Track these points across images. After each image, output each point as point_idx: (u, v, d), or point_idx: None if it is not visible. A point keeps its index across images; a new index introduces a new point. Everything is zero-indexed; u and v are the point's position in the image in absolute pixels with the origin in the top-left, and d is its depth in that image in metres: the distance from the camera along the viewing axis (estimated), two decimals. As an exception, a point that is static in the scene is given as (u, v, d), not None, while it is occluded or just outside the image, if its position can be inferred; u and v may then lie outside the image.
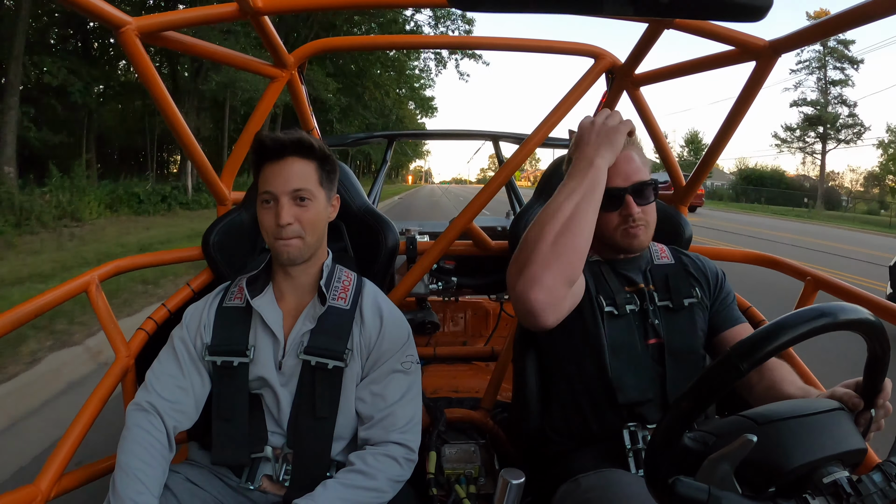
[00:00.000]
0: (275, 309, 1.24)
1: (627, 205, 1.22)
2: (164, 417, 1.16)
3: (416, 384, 1.28)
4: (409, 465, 1.20)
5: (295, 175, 1.18)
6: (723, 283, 1.36)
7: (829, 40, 31.19)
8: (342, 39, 2.03)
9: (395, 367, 1.24)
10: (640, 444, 1.19)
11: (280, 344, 1.22)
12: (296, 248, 1.19)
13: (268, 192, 1.18)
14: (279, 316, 1.24)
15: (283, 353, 1.22)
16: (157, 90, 1.36)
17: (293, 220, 1.17)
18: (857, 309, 0.74)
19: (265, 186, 1.19)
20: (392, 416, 1.20)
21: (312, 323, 1.22)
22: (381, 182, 3.50)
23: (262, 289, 1.27)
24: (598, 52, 1.80)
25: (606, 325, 1.23)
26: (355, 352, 1.22)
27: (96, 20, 1.19)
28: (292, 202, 1.18)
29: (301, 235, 1.18)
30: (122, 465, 1.08)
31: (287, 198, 1.17)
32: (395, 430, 1.19)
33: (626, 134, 1.18)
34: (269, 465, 1.21)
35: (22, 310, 1.24)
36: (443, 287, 2.18)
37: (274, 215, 1.17)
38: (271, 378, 1.21)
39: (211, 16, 1.40)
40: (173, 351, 1.23)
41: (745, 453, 0.69)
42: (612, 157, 1.15)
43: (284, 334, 1.23)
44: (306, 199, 1.19)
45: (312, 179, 1.20)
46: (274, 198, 1.17)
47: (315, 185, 1.21)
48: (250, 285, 1.25)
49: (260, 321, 1.23)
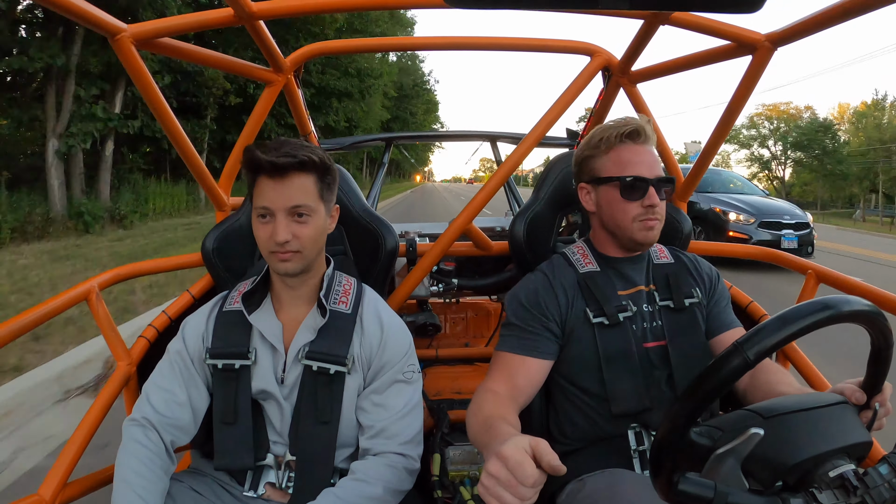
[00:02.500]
0: (274, 322, 1.22)
1: (651, 195, 1.20)
2: (161, 432, 1.14)
3: (418, 393, 1.26)
4: (411, 475, 1.19)
5: (293, 191, 1.12)
6: (717, 284, 1.35)
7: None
8: (338, 43, 2.02)
9: (397, 377, 1.22)
10: (644, 445, 1.18)
11: (281, 356, 1.20)
12: (292, 263, 1.15)
13: (264, 207, 1.13)
14: (279, 328, 1.21)
15: (285, 367, 1.20)
16: (153, 97, 1.36)
17: (290, 237, 1.12)
18: (861, 301, 0.74)
19: (261, 201, 1.13)
20: (394, 427, 1.18)
21: (312, 335, 1.20)
22: (380, 184, 3.50)
23: (260, 302, 1.24)
24: (593, 49, 1.80)
25: (599, 336, 1.22)
26: (356, 362, 1.20)
27: (91, 27, 1.18)
28: (290, 218, 1.13)
29: (299, 250, 1.14)
30: (120, 480, 1.06)
31: (284, 214, 1.12)
32: (397, 440, 1.18)
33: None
34: (272, 473, 1.20)
35: (23, 319, 1.24)
36: (443, 289, 2.17)
37: (270, 231, 1.13)
38: (273, 390, 1.19)
39: (206, 21, 1.39)
40: (170, 365, 1.21)
41: (752, 447, 0.69)
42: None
43: (285, 346, 1.21)
44: (305, 215, 1.14)
45: (312, 194, 1.15)
46: (270, 213, 1.13)
47: (314, 199, 1.16)
48: (247, 300, 1.22)
49: (259, 335, 1.21)
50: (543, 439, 0.72)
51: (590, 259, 1.30)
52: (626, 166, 1.21)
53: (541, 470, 0.71)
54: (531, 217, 1.56)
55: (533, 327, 1.23)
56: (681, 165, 2.08)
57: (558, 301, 1.24)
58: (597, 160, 1.26)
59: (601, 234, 1.32)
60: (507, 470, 0.70)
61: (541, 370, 1.21)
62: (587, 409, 1.24)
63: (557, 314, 1.24)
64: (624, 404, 1.18)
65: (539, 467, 0.71)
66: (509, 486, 0.70)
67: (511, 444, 0.73)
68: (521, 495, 0.70)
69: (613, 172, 1.23)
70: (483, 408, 1.05)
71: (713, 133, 1.59)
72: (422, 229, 2.61)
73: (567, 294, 1.25)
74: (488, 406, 1.05)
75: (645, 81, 1.78)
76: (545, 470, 0.70)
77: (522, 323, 1.23)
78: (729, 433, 0.73)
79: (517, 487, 0.69)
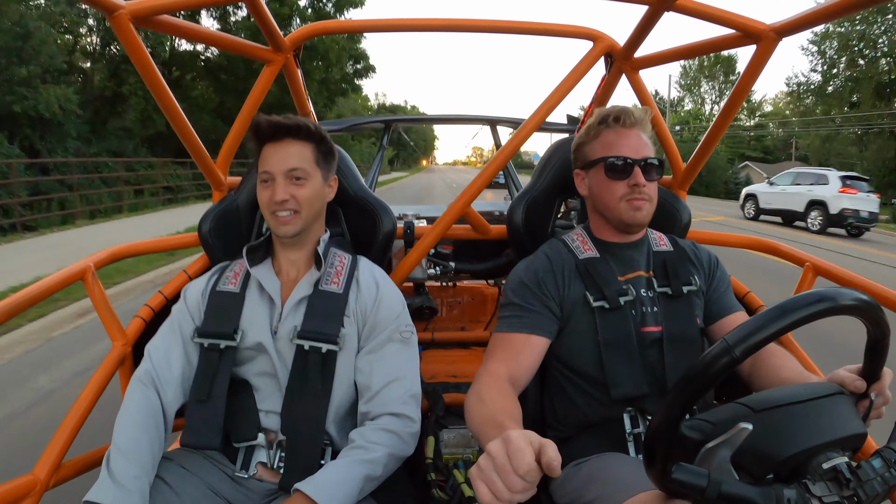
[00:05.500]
0: (273, 278, 1.29)
1: (636, 174, 1.23)
2: (160, 391, 1.18)
3: (415, 355, 1.29)
4: (410, 438, 1.21)
5: (291, 155, 1.25)
6: (716, 268, 1.36)
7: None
8: (337, 22, 2.01)
9: (394, 336, 1.26)
10: (640, 428, 1.19)
11: (277, 309, 1.26)
12: (291, 225, 1.24)
13: (266, 171, 1.24)
14: (277, 284, 1.29)
15: (280, 317, 1.24)
16: (151, 75, 1.34)
17: (288, 197, 1.22)
18: (856, 293, 0.73)
19: (264, 166, 1.25)
20: (391, 387, 1.21)
21: (309, 290, 1.26)
22: (378, 166, 3.48)
23: (262, 259, 1.32)
24: (596, 34, 1.78)
25: (599, 320, 1.23)
26: (352, 318, 1.25)
27: (88, 3, 1.16)
28: (288, 181, 1.24)
29: (296, 210, 1.24)
30: (113, 444, 1.09)
31: (283, 177, 1.23)
32: (394, 401, 1.20)
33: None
34: (263, 452, 1.22)
35: (19, 297, 1.23)
36: (440, 272, 2.17)
37: (270, 193, 1.23)
38: (267, 342, 1.22)
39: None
40: (171, 325, 1.27)
41: (741, 441, 0.69)
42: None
43: (282, 300, 1.26)
44: (302, 178, 1.24)
45: (308, 159, 1.26)
46: (271, 177, 1.24)
47: (311, 164, 1.26)
48: (250, 254, 1.30)
49: (257, 286, 1.28)
50: (553, 443, 0.71)
51: (589, 245, 1.31)
52: (611, 148, 1.25)
53: (538, 469, 0.70)
54: (530, 201, 1.55)
55: (534, 305, 1.24)
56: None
57: (557, 282, 1.26)
58: (587, 146, 1.30)
59: (596, 218, 1.34)
60: (505, 454, 0.70)
61: (542, 348, 1.22)
62: (585, 394, 1.24)
63: (556, 295, 1.25)
64: (622, 388, 1.19)
65: (538, 464, 0.70)
66: (503, 472, 0.69)
67: (519, 432, 0.72)
68: (511, 483, 0.68)
69: (599, 154, 1.27)
70: (487, 398, 1.04)
71: (716, 121, 1.58)
72: (420, 212, 2.60)
73: (566, 276, 1.27)
74: (492, 396, 1.04)
75: (647, 68, 1.77)
76: (542, 467, 0.69)
77: (523, 301, 1.25)
78: (719, 427, 0.73)
79: (510, 475, 0.68)
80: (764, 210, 17.12)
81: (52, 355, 4.04)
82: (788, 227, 15.81)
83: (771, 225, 16.20)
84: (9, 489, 1.11)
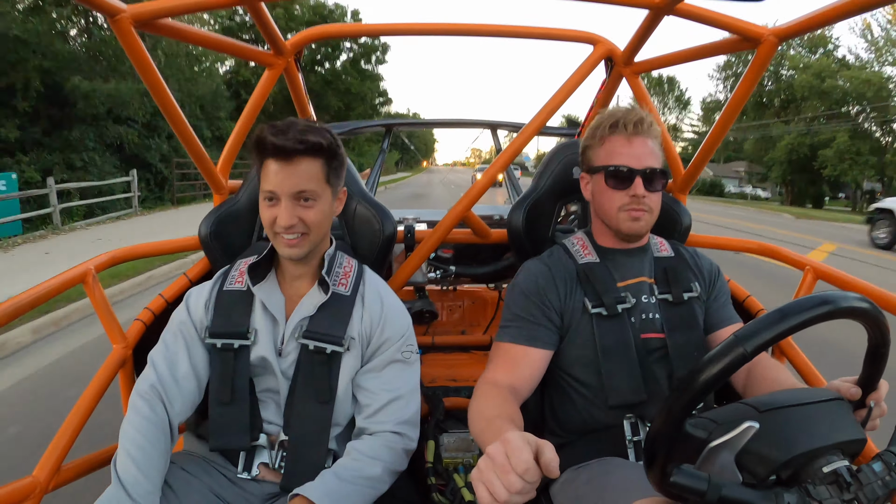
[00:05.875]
0: (277, 294, 1.24)
1: (636, 185, 1.21)
2: (166, 402, 1.15)
3: (416, 375, 1.27)
4: (406, 455, 1.20)
5: (300, 176, 1.12)
6: (717, 279, 1.35)
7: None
8: (339, 26, 2.01)
9: (396, 356, 1.23)
10: (640, 435, 1.19)
11: (280, 327, 1.21)
12: (298, 248, 1.15)
13: (270, 191, 1.12)
14: (281, 301, 1.23)
15: (283, 338, 1.21)
16: (152, 79, 1.34)
17: (296, 221, 1.13)
18: (859, 297, 0.74)
19: (268, 185, 1.13)
20: (391, 406, 1.19)
21: (313, 310, 1.21)
22: (379, 170, 3.48)
23: (264, 275, 1.26)
24: (596, 39, 1.78)
25: (597, 327, 1.22)
26: (356, 338, 1.21)
27: (90, 7, 1.17)
28: (295, 202, 1.13)
29: (305, 232, 1.15)
30: (123, 452, 1.07)
31: (289, 198, 1.12)
32: (394, 420, 1.19)
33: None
34: (265, 453, 1.21)
35: (20, 300, 1.23)
36: (441, 276, 2.17)
37: (275, 215, 1.13)
38: (271, 359, 1.20)
39: (207, 2, 1.37)
40: (174, 335, 1.22)
41: (746, 441, 0.69)
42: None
43: (286, 319, 1.22)
44: (311, 199, 1.14)
45: (318, 178, 1.14)
46: (276, 196, 1.13)
47: (321, 184, 1.15)
48: (252, 271, 1.23)
49: (261, 306, 1.22)
50: (550, 443, 0.71)
51: (589, 250, 1.31)
52: (615, 156, 1.23)
53: (536, 469, 0.70)
54: (530, 205, 1.55)
55: (534, 317, 1.23)
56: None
57: (558, 291, 1.25)
58: (592, 150, 1.28)
59: (597, 223, 1.33)
60: (504, 454, 0.70)
61: (542, 360, 1.22)
62: (584, 400, 1.24)
63: (557, 304, 1.24)
64: (620, 396, 1.19)
65: (536, 465, 0.70)
66: (502, 471, 0.69)
67: (517, 433, 0.73)
68: (509, 483, 0.68)
69: (603, 162, 1.25)
70: (487, 405, 1.04)
71: (716, 125, 1.58)
72: (420, 215, 2.60)
73: (566, 285, 1.26)
74: (492, 403, 1.05)
75: (647, 72, 1.77)
76: (541, 467, 0.70)
77: (524, 312, 1.24)
78: (724, 426, 0.73)
79: (509, 474, 0.68)
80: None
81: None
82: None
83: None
84: (8, 491, 1.11)
